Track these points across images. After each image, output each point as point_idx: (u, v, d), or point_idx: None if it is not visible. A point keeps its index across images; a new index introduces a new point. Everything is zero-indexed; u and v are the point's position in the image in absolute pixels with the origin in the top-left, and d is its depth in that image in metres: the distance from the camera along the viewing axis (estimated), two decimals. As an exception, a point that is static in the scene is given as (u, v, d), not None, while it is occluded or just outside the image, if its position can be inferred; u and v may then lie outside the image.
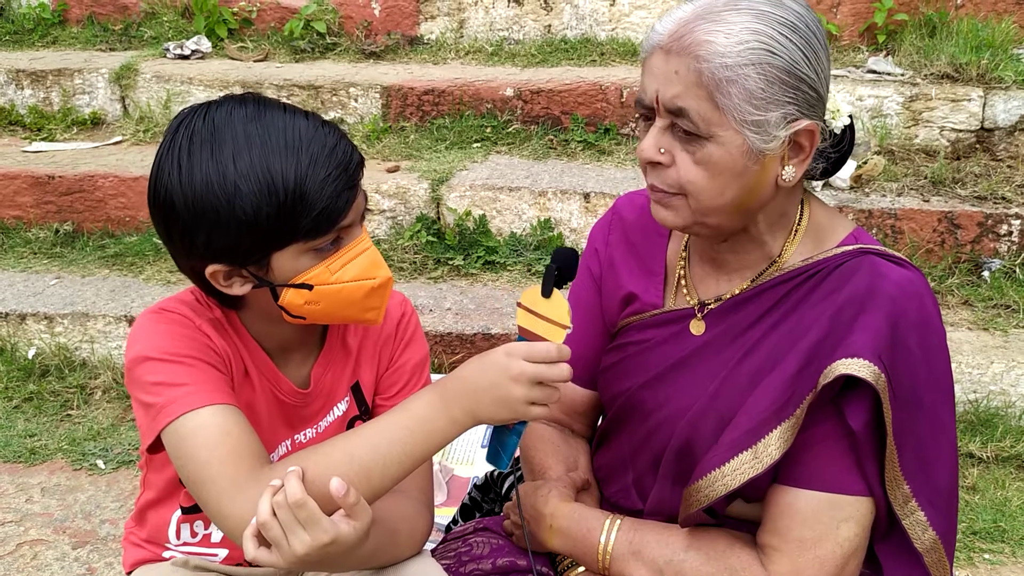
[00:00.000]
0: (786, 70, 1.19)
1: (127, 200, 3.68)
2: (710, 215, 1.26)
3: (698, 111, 1.19)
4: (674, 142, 1.23)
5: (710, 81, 1.17)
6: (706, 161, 1.21)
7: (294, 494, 1.09)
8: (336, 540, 1.11)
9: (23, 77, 4.30)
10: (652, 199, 1.30)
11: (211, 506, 1.19)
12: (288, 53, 4.45)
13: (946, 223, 3.21)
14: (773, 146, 1.21)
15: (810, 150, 1.25)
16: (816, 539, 1.23)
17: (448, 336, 2.98)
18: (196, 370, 1.25)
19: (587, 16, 4.33)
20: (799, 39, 1.19)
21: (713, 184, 1.22)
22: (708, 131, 1.20)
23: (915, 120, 3.61)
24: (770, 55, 1.18)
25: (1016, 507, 2.49)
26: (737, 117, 1.18)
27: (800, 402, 1.22)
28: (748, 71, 1.17)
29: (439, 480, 2.45)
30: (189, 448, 1.20)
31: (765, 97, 1.18)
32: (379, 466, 1.18)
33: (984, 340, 2.91)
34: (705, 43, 1.17)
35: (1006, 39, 3.73)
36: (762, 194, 1.26)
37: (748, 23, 1.18)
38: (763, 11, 1.19)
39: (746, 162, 1.21)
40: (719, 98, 1.18)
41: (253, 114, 1.21)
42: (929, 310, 1.26)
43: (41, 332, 3.18)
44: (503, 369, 1.18)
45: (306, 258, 1.23)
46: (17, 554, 2.37)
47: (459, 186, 3.47)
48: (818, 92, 1.23)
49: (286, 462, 1.19)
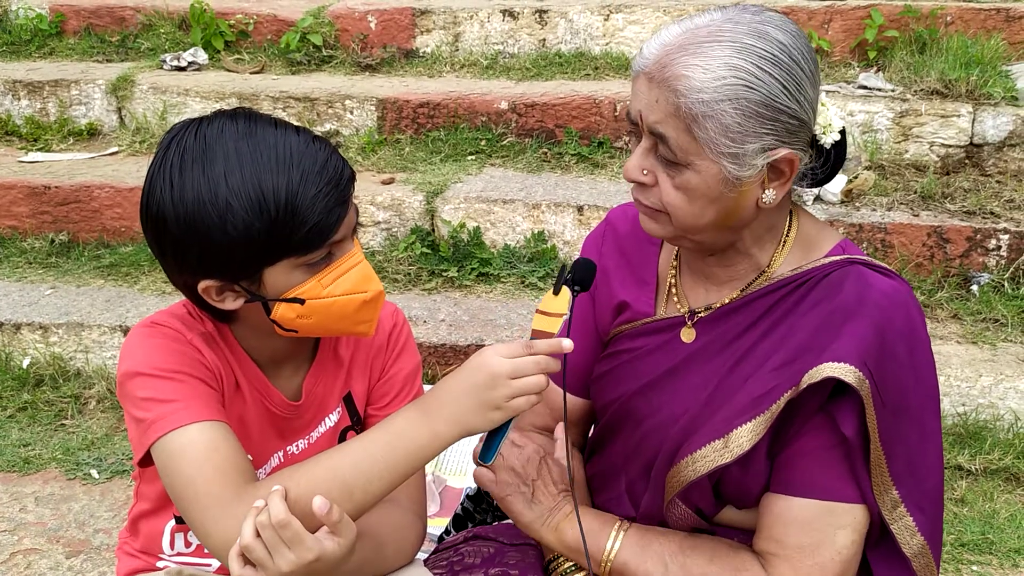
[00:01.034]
0: (764, 103, 1.20)
1: (123, 211, 3.69)
2: (692, 233, 1.29)
3: (676, 140, 1.21)
4: (656, 164, 1.26)
5: (687, 115, 1.19)
6: (684, 187, 1.24)
7: (277, 514, 1.10)
8: (321, 557, 1.12)
9: (20, 88, 4.31)
10: (640, 211, 1.33)
11: (196, 524, 1.20)
12: (284, 65, 4.47)
13: (935, 237, 3.24)
14: (750, 174, 1.23)
15: (790, 175, 1.26)
16: (815, 546, 1.25)
17: (442, 347, 3.00)
18: (186, 386, 1.25)
19: (581, 31, 4.37)
20: (780, 72, 1.20)
21: (691, 208, 1.25)
22: (686, 159, 1.22)
23: (905, 135, 3.64)
24: (747, 90, 1.19)
25: (1004, 519, 2.50)
26: (714, 149, 1.20)
27: (777, 398, 1.25)
28: (724, 106, 1.18)
29: (432, 491, 2.46)
30: (176, 465, 1.21)
31: (741, 131, 1.20)
32: (361, 483, 1.19)
33: (973, 353, 2.93)
34: (683, 77, 1.19)
35: (995, 56, 3.77)
36: (742, 215, 1.28)
37: (727, 58, 1.19)
38: (744, 44, 1.20)
39: (723, 189, 1.23)
40: (696, 131, 1.20)
41: (244, 130, 1.21)
42: (915, 319, 1.29)
43: (36, 342, 3.18)
44: (479, 370, 1.19)
45: (298, 273, 1.24)
46: (11, 563, 2.37)
47: (453, 198, 3.49)
48: (800, 119, 1.24)
49: (271, 480, 1.19)
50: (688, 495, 1.35)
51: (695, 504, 1.36)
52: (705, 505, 1.36)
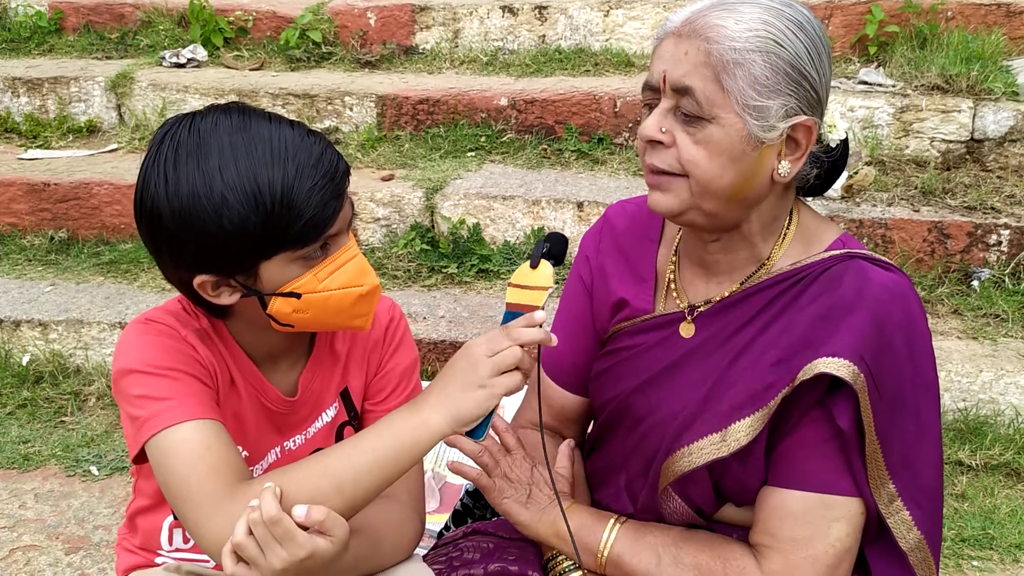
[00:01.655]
0: (791, 63, 1.23)
1: (122, 208, 3.69)
2: (707, 199, 1.27)
3: (703, 90, 1.23)
4: (676, 124, 1.27)
5: (718, 62, 1.22)
6: (706, 141, 1.24)
7: (269, 511, 1.10)
8: (313, 554, 1.12)
9: (19, 85, 4.31)
10: (649, 184, 1.32)
11: (189, 522, 1.20)
12: (284, 62, 4.47)
13: (936, 233, 3.23)
14: (771, 136, 1.24)
15: (806, 147, 1.27)
16: (808, 539, 1.25)
17: (442, 344, 2.99)
18: (180, 383, 1.25)
19: (581, 27, 4.36)
20: (805, 37, 1.25)
21: (712, 164, 1.25)
22: (711, 112, 1.23)
23: (906, 131, 3.64)
24: (777, 46, 1.23)
25: (1005, 514, 2.50)
26: (740, 100, 1.22)
27: (775, 394, 1.25)
28: (755, 57, 1.22)
29: (431, 487, 2.46)
30: (170, 463, 1.21)
31: (768, 85, 1.22)
32: (352, 478, 1.18)
33: (973, 349, 2.93)
34: (716, 27, 1.23)
35: (996, 51, 3.76)
36: (757, 186, 1.28)
37: (759, 14, 1.23)
38: (774, 6, 1.25)
39: (744, 147, 1.24)
40: (725, 79, 1.22)
41: (239, 124, 1.21)
42: (915, 312, 1.28)
43: (35, 339, 3.18)
44: (459, 358, 1.21)
45: (294, 267, 1.23)
46: (10, 560, 2.37)
47: (453, 195, 3.48)
48: (818, 94, 1.27)
49: (264, 479, 1.19)
50: (687, 491, 1.34)
51: (694, 502, 1.36)
52: (704, 502, 1.36)
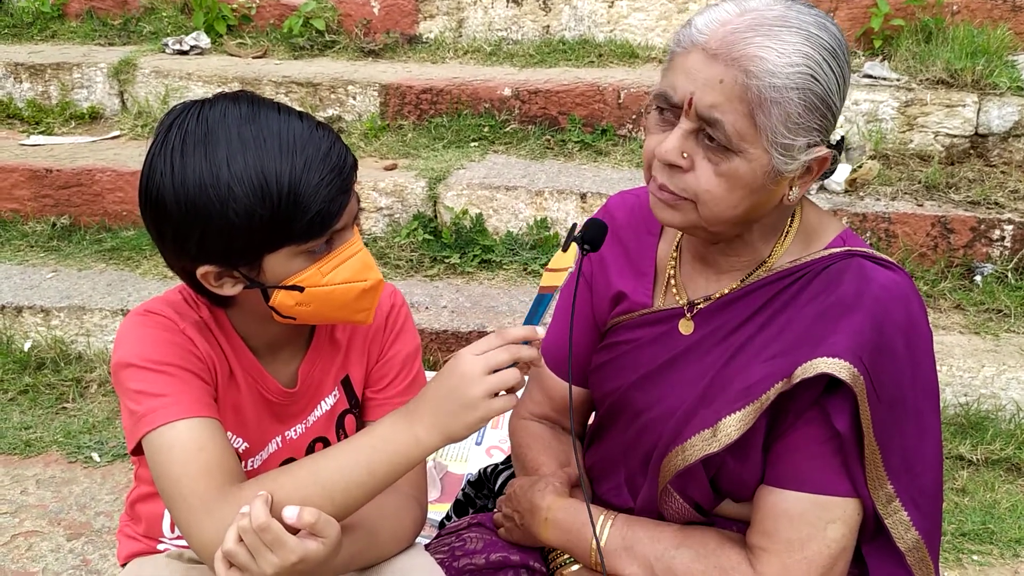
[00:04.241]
0: (822, 98, 1.19)
1: (124, 194, 3.69)
2: (715, 224, 1.26)
3: (734, 125, 1.18)
4: (697, 148, 1.22)
5: (755, 98, 1.16)
6: (730, 174, 1.21)
7: (258, 518, 1.10)
8: (304, 558, 1.12)
9: (21, 71, 4.30)
10: (656, 197, 1.29)
11: (182, 523, 1.20)
12: (287, 50, 4.46)
13: (939, 227, 3.23)
14: (791, 168, 1.22)
15: (817, 173, 1.26)
16: (804, 540, 1.24)
17: (444, 334, 3.00)
18: (176, 380, 1.25)
19: (585, 17, 4.35)
20: (837, 67, 1.19)
21: (730, 197, 1.22)
22: (739, 146, 1.19)
23: (910, 125, 3.63)
24: (814, 81, 1.17)
25: (1005, 509, 2.51)
26: (770, 137, 1.18)
27: (768, 388, 1.24)
28: (792, 95, 1.17)
29: (433, 477, 2.47)
30: (163, 462, 1.21)
31: (800, 123, 1.18)
32: (342, 486, 1.18)
33: (975, 344, 2.93)
34: (757, 58, 1.15)
35: (1001, 45, 3.74)
36: (767, 209, 1.28)
37: (799, 44, 1.16)
38: (812, 33, 1.18)
39: (765, 180, 1.22)
40: (759, 116, 1.17)
41: (248, 115, 1.20)
42: (915, 312, 1.27)
43: (37, 325, 3.19)
44: (452, 372, 1.17)
45: (298, 260, 1.23)
46: (12, 545, 2.38)
47: (456, 185, 3.48)
48: (836, 118, 1.24)
49: (256, 483, 1.19)
50: (685, 488, 1.34)
51: (692, 498, 1.35)
52: (703, 499, 1.35)
